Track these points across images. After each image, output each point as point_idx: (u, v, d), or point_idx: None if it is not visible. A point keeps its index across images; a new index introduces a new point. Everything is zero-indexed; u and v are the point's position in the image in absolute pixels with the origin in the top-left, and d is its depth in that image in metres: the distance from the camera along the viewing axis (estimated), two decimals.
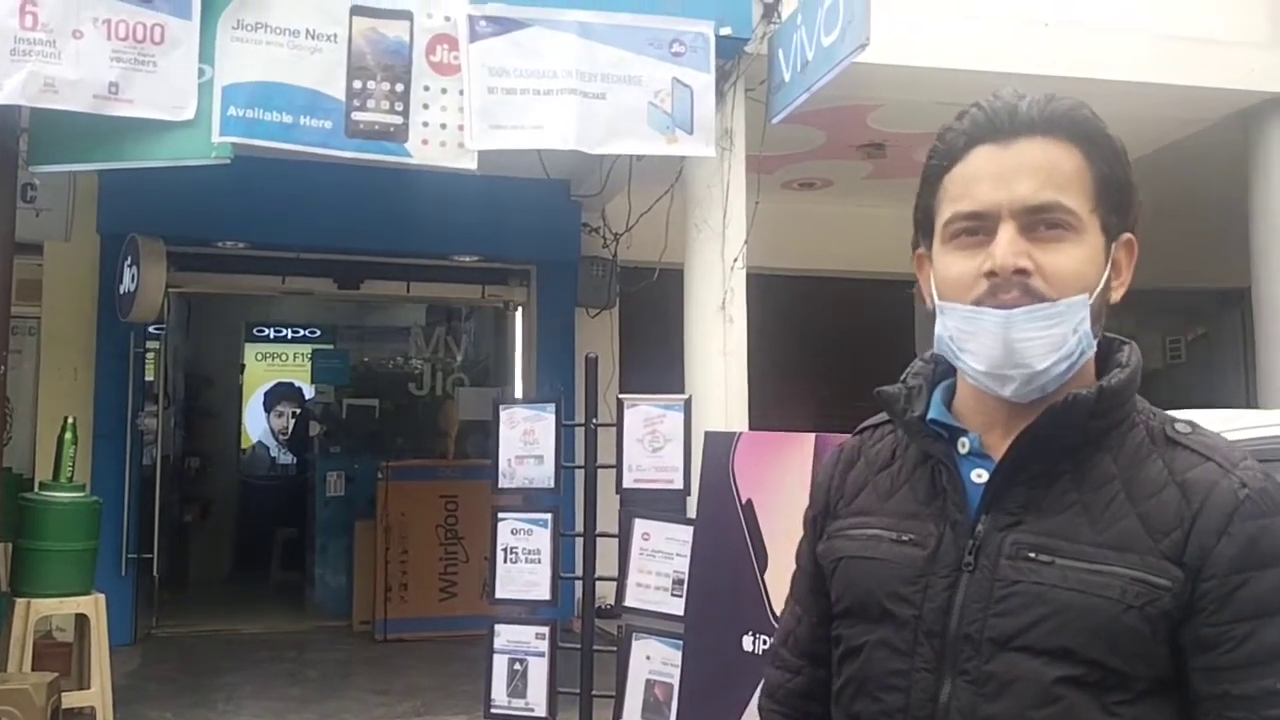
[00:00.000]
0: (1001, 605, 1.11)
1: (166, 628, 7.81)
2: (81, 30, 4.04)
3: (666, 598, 3.78)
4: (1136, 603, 1.07)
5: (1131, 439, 1.15)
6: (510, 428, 4.10)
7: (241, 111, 4.20)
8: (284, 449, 11.94)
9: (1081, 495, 1.13)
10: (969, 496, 1.17)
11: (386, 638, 7.47)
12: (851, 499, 1.29)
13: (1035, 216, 1.12)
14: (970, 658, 1.12)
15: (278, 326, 12.46)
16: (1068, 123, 1.15)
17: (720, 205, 5.27)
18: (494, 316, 9.58)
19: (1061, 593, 1.09)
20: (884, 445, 1.30)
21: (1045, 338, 1.11)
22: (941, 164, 1.19)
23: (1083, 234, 1.14)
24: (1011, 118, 1.14)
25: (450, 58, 4.41)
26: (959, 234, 1.16)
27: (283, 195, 6.94)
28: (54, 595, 4.79)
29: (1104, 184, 1.16)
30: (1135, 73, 5.84)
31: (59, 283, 7.30)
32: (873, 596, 1.20)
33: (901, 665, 1.16)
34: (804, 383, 8.40)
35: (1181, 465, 1.12)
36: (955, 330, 1.16)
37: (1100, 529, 1.10)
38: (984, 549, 1.14)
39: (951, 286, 1.17)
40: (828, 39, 4.39)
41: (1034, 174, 1.13)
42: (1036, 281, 1.12)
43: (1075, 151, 1.15)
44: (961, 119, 1.18)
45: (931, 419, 1.22)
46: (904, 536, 1.20)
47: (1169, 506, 1.10)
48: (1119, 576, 1.08)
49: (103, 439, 7.12)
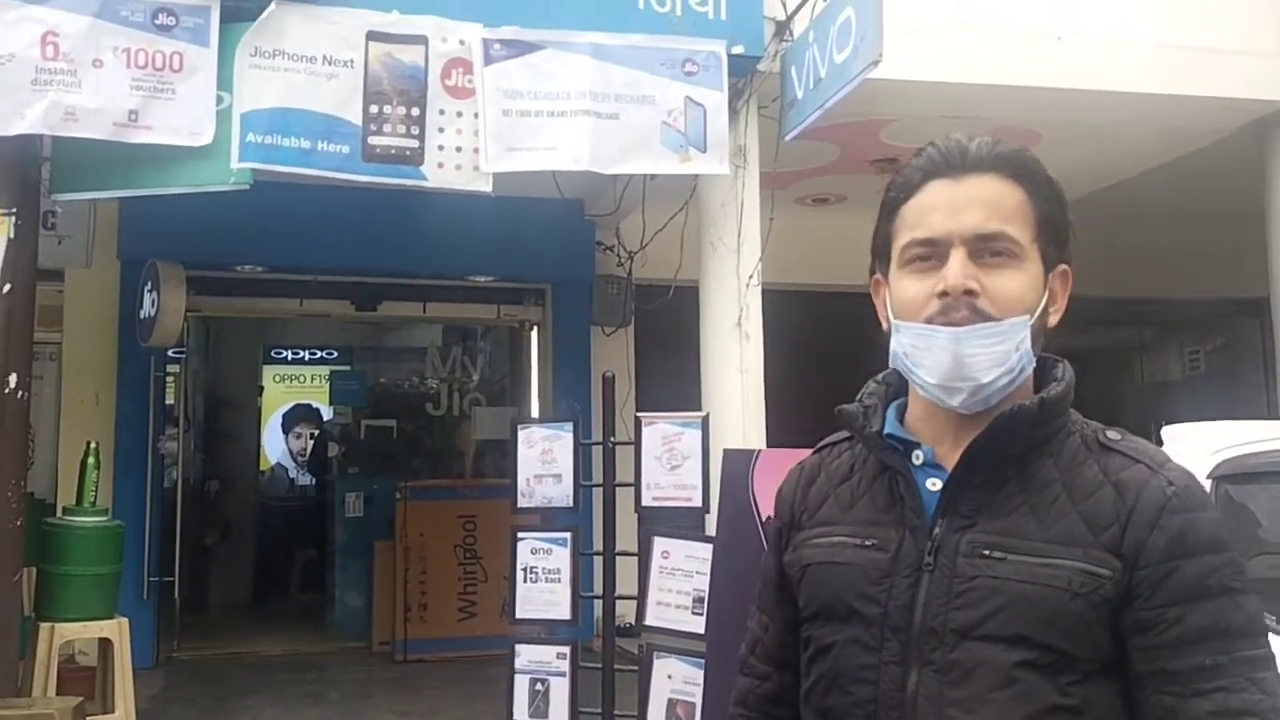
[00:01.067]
0: (961, 599, 1.22)
1: (188, 650, 7.83)
2: (102, 59, 4.09)
3: (687, 616, 3.77)
4: (1082, 591, 1.18)
5: (1069, 445, 1.27)
6: (528, 447, 4.11)
7: (260, 138, 4.25)
8: (303, 470, 11.99)
9: (1028, 497, 1.24)
10: (925, 503, 1.28)
11: (406, 658, 7.48)
12: (815, 510, 1.39)
13: (983, 244, 1.25)
14: (935, 648, 1.22)
15: (295, 348, 12.52)
16: (1013, 163, 1.28)
17: (735, 222, 5.28)
18: (509, 336, 9.61)
19: (1015, 585, 1.20)
20: (843, 460, 1.41)
21: (990, 354, 1.24)
22: (899, 196, 1.32)
23: (1024, 262, 1.26)
24: (963, 156, 1.28)
25: (465, 81, 4.45)
26: (914, 259, 1.28)
27: (300, 219, 6.99)
28: (77, 619, 4.82)
29: (1044, 219, 1.28)
30: (1147, 84, 5.84)
31: (80, 309, 7.37)
32: (841, 598, 1.30)
33: (870, 660, 1.26)
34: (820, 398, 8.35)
35: (1115, 467, 1.24)
36: (909, 346, 1.28)
37: (1046, 526, 1.22)
38: (942, 549, 1.25)
39: (906, 306, 1.29)
40: (840, 56, 4.41)
41: (982, 206, 1.26)
42: (983, 302, 1.24)
43: (1018, 189, 1.28)
44: (918, 157, 1.31)
45: (888, 433, 1.34)
46: (867, 542, 1.30)
47: (1106, 504, 1.22)
48: (1066, 568, 1.19)
49: (125, 463, 7.17)
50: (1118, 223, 8.41)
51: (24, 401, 4.31)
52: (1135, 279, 9.11)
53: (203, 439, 10.27)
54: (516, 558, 4.07)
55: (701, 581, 3.74)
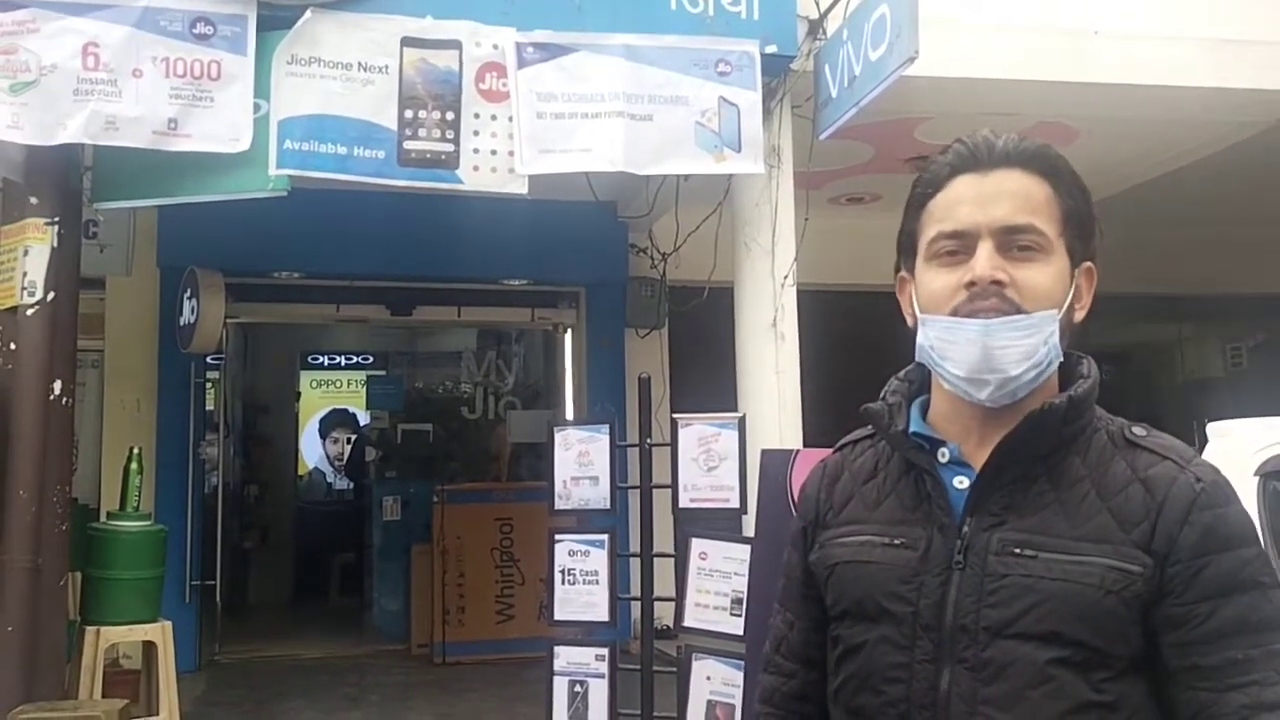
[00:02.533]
0: (994, 597, 1.22)
1: (229, 653, 7.91)
2: (141, 69, 4.14)
3: (726, 617, 3.76)
4: (1114, 588, 1.19)
5: (1096, 442, 1.28)
6: (565, 449, 4.12)
7: (297, 145, 4.28)
8: (340, 475, 12.09)
9: (1058, 494, 1.25)
10: (952, 501, 1.28)
11: (445, 660, 7.52)
12: (840, 509, 1.39)
13: (1010, 236, 1.26)
14: (967, 646, 1.22)
15: (332, 354, 12.64)
16: (1040, 159, 1.30)
17: (769, 223, 5.26)
18: (543, 339, 9.64)
19: (1048, 582, 1.20)
20: (866, 459, 1.42)
21: (1019, 346, 1.24)
22: (927, 191, 1.33)
23: (1051, 255, 1.27)
24: (990, 151, 1.29)
25: (499, 85, 4.46)
26: (941, 253, 1.29)
27: (336, 225, 7.06)
28: (122, 623, 4.87)
29: (1070, 214, 1.29)
30: (1184, 78, 5.76)
31: (121, 317, 7.47)
32: (870, 597, 1.30)
33: (902, 659, 1.26)
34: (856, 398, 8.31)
35: (1143, 464, 1.25)
36: (936, 340, 1.29)
37: (1076, 524, 1.22)
38: (972, 548, 1.25)
39: (933, 298, 1.30)
40: (875, 53, 4.38)
41: (1010, 199, 1.27)
42: (1011, 293, 1.25)
43: (1045, 184, 1.29)
44: (945, 153, 1.32)
45: (913, 431, 1.34)
46: (895, 540, 1.31)
47: (1135, 501, 1.22)
48: (1097, 565, 1.20)
49: (166, 468, 7.25)
50: (1157, 218, 8.30)
51: (68, 408, 4.37)
52: (1175, 274, 8.99)
53: (241, 444, 10.38)
54: (554, 560, 4.08)
55: (740, 583, 3.73)
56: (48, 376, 4.23)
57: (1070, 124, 6.34)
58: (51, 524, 4.22)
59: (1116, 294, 8.56)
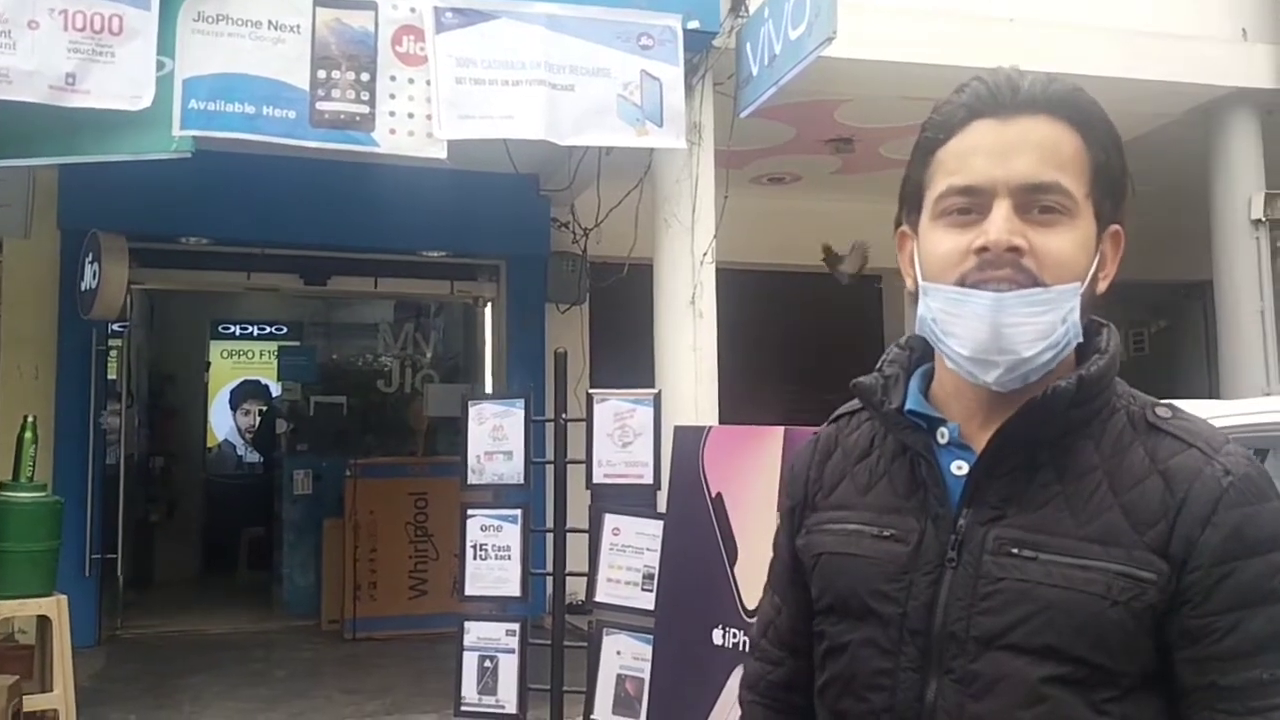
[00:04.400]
0: (986, 603, 1.09)
1: (132, 629, 7.71)
2: (38, 20, 3.96)
3: (637, 593, 3.78)
4: (1122, 598, 1.05)
5: (1113, 425, 1.13)
6: (479, 424, 4.08)
7: (203, 104, 4.14)
8: (250, 447, 11.83)
9: (1064, 486, 1.10)
10: (949, 489, 1.14)
11: (356, 636, 7.42)
12: (830, 491, 1.26)
13: (1032, 196, 1.09)
14: (955, 656, 1.10)
15: (243, 323, 12.34)
16: (1070, 104, 1.12)
17: (689, 200, 5.26)
18: (463, 312, 9.54)
19: (1046, 590, 1.06)
20: (861, 434, 1.27)
21: (1035, 324, 1.08)
22: (937, 136, 1.14)
23: (1077, 219, 1.11)
24: (1014, 93, 1.11)
25: (416, 49, 4.36)
26: (950, 210, 1.12)
27: (247, 190, 6.86)
28: (15, 597, 4.69)
29: (1100, 170, 1.13)
30: (1097, 67, 5.87)
31: (19, 280, 7.17)
32: (855, 594, 1.18)
33: (887, 664, 1.14)
34: (773, 377, 8.41)
35: (1164, 453, 1.10)
36: (939, 312, 1.12)
37: (1083, 521, 1.08)
38: (966, 544, 1.11)
39: (938, 263, 1.13)
40: (795, 32, 4.39)
41: (1034, 151, 1.09)
42: (1029, 262, 1.08)
43: (1075, 134, 1.12)
44: (961, 92, 1.13)
45: (910, 409, 1.19)
46: (885, 532, 1.17)
47: (1152, 497, 1.07)
48: (1104, 571, 1.05)
49: (65, 438, 7.01)
50: None
51: None
52: None
53: (147, 415, 10.08)
54: (466, 535, 4.05)
55: (652, 558, 3.74)
56: None
57: None
58: None
59: None
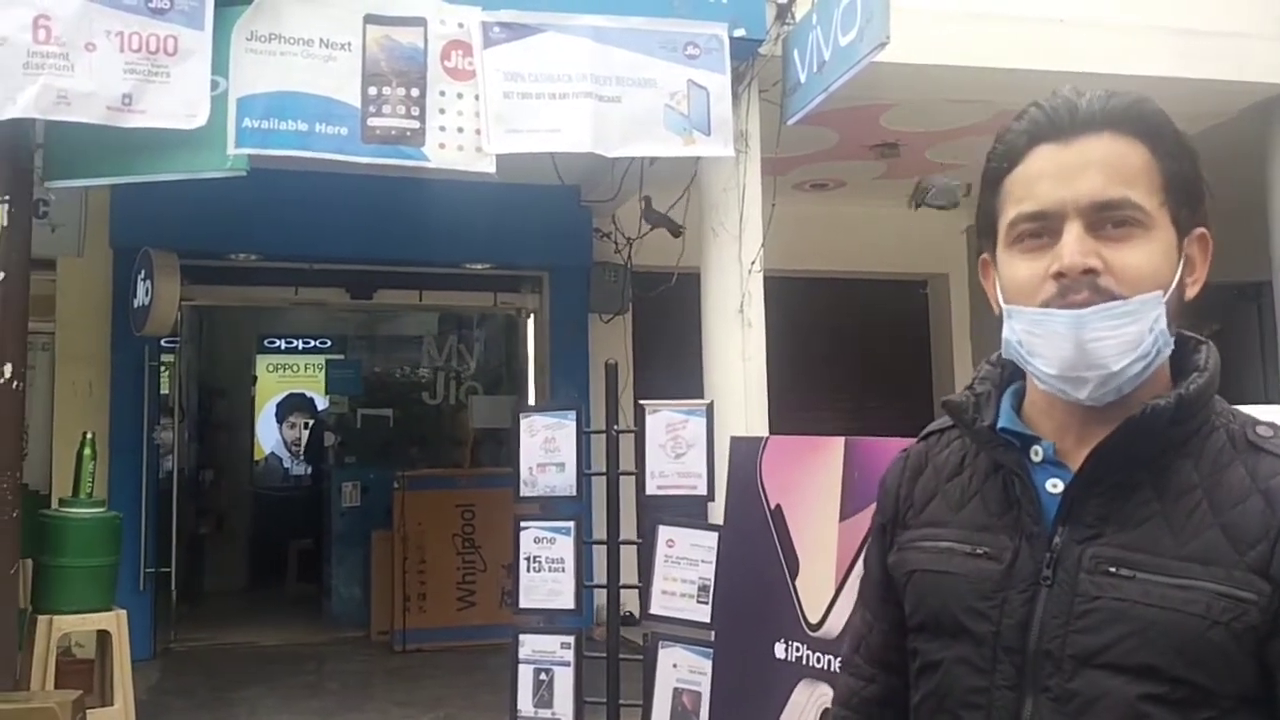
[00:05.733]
0: (1082, 621, 1.08)
1: (185, 641, 7.79)
2: (94, 43, 4.02)
3: (692, 605, 3.75)
4: (1222, 619, 1.03)
5: (1212, 444, 1.12)
6: (530, 436, 4.07)
7: (256, 122, 4.18)
8: (297, 460, 11.94)
9: (1163, 505, 1.09)
10: (1044, 507, 1.14)
11: (405, 648, 7.44)
12: (921, 508, 1.26)
13: (1102, 214, 1.10)
14: (1052, 674, 1.09)
15: (289, 338, 12.47)
16: (1132, 117, 1.12)
17: (737, 208, 5.23)
18: (506, 324, 9.57)
19: (1144, 609, 1.06)
20: (952, 451, 1.27)
21: (1119, 337, 1.08)
22: (1002, 165, 1.16)
23: (1152, 230, 1.11)
24: (1072, 115, 1.12)
25: (465, 63, 4.38)
26: (1023, 236, 1.13)
27: (295, 207, 6.93)
28: (76, 612, 4.76)
29: (1173, 179, 1.12)
30: (1151, 68, 5.79)
31: (73, 298, 7.29)
32: (948, 611, 1.17)
33: (981, 683, 1.13)
34: (821, 385, 8.35)
35: (1265, 471, 1.08)
36: (1023, 334, 1.13)
37: (1182, 541, 1.07)
38: (1062, 562, 1.11)
39: (1017, 288, 1.14)
40: (845, 38, 4.35)
41: (1099, 170, 1.10)
42: (1107, 280, 1.08)
43: (1141, 146, 1.12)
44: (1020, 119, 1.15)
45: (1002, 427, 1.19)
46: (978, 550, 1.17)
47: (1254, 516, 1.06)
48: (1204, 591, 1.04)
49: (119, 454, 7.10)
50: None
51: (19, 392, 4.25)
52: None
53: (196, 429, 10.21)
54: (519, 547, 4.04)
55: (707, 570, 3.72)
56: None
57: None
58: (2, 510, 4.11)
59: None
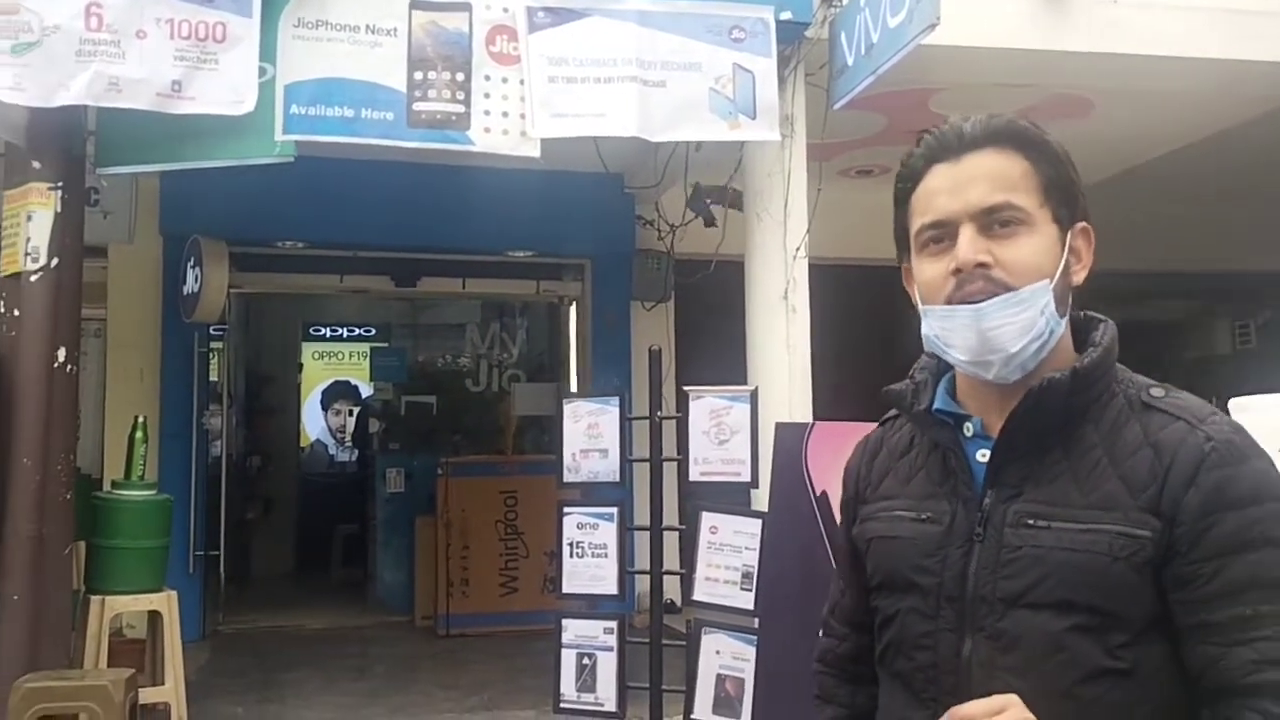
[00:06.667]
0: (1008, 569, 1.27)
1: (233, 624, 7.91)
2: (145, 30, 4.06)
3: (736, 591, 3.74)
4: (1123, 554, 1.22)
5: (1112, 408, 1.30)
6: (574, 422, 4.07)
7: (304, 109, 4.21)
8: (343, 446, 12.06)
9: (1070, 464, 1.27)
10: (975, 475, 1.33)
11: (449, 633, 7.50)
12: (878, 484, 1.46)
13: (990, 217, 1.28)
14: (986, 616, 1.27)
15: (334, 325, 12.59)
16: (1010, 133, 1.31)
17: (781, 194, 5.19)
18: (548, 311, 9.58)
19: (1058, 553, 1.24)
20: (903, 435, 1.47)
21: (1015, 323, 1.26)
22: (907, 185, 1.37)
23: (1035, 228, 1.29)
24: (959, 137, 1.32)
25: (510, 48, 4.38)
26: (928, 243, 1.33)
27: (341, 194, 6.98)
28: (128, 592, 4.84)
29: (1050, 182, 1.31)
30: (1203, 48, 5.67)
31: (123, 285, 7.40)
32: (900, 570, 1.37)
33: (929, 627, 1.32)
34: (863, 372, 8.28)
35: (1155, 426, 1.26)
36: (938, 329, 1.32)
37: (1087, 492, 1.25)
38: (990, 520, 1.30)
39: (927, 288, 1.33)
40: (894, 20, 4.29)
41: (984, 180, 1.29)
42: (998, 272, 1.27)
43: (1019, 157, 1.30)
44: (919, 146, 1.36)
45: (937, 408, 1.38)
46: (923, 515, 1.36)
47: (1144, 465, 1.24)
48: (1106, 533, 1.22)
49: (170, 439, 7.20)
50: (1167, 193, 8.23)
51: (73, 376, 4.32)
52: (1183, 251, 8.92)
53: (244, 415, 10.34)
54: (563, 533, 4.05)
55: (750, 557, 3.70)
56: (51, 344, 4.18)
57: (1086, 95, 6.26)
58: (56, 492, 4.18)
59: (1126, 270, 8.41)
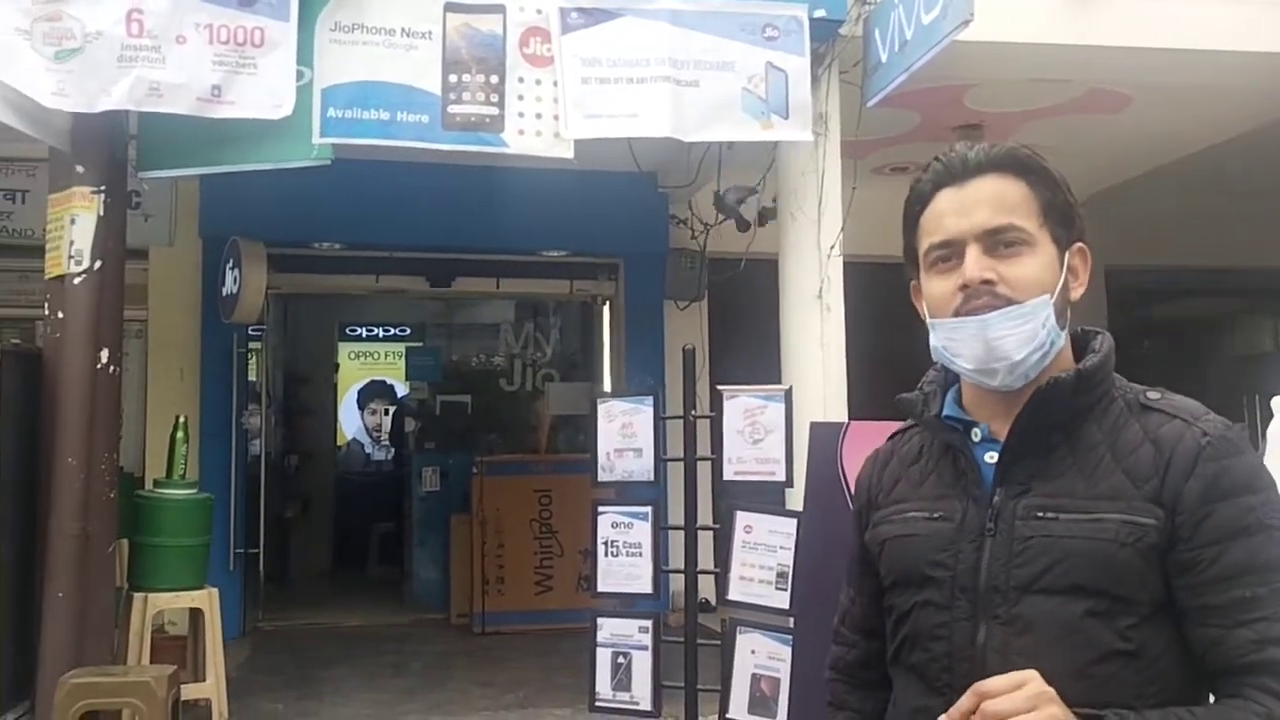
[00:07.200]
0: (1020, 558, 1.34)
1: (272, 621, 8.00)
2: (185, 35, 4.12)
3: (770, 591, 3.73)
4: (1128, 540, 1.30)
5: (1112, 410, 1.40)
6: (608, 421, 4.08)
7: (341, 112, 4.25)
8: (378, 445, 12.15)
9: (1075, 460, 1.37)
10: (984, 475, 1.42)
11: (485, 630, 7.54)
12: (890, 490, 1.54)
13: (994, 237, 1.38)
14: (999, 604, 1.35)
15: (370, 325, 12.69)
16: (1010, 161, 1.41)
17: (815, 192, 5.17)
18: (581, 311, 9.61)
19: (1067, 541, 1.32)
20: (913, 444, 1.56)
21: (1017, 333, 1.36)
22: (915, 209, 1.46)
23: (1036, 247, 1.39)
24: (964, 164, 1.41)
25: (543, 50, 4.40)
26: (936, 261, 1.42)
27: (377, 196, 7.05)
28: (169, 590, 4.92)
29: (1048, 205, 1.41)
30: (1242, 42, 5.58)
31: (164, 286, 7.51)
32: (915, 566, 1.44)
33: (944, 618, 1.39)
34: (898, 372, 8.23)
35: (1154, 425, 1.36)
36: (945, 340, 1.41)
37: (1092, 484, 1.34)
38: (1001, 515, 1.38)
39: (936, 303, 1.43)
40: (928, 17, 4.27)
41: (988, 204, 1.39)
42: (1002, 288, 1.36)
43: (1019, 182, 1.40)
44: (927, 171, 1.45)
45: (946, 415, 1.48)
46: (935, 514, 1.44)
47: (1146, 459, 1.33)
48: (1112, 521, 1.31)
49: (210, 438, 7.30)
50: (1208, 189, 8.11)
51: (115, 376, 4.39)
52: (1225, 248, 8.79)
53: (282, 414, 10.45)
54: (597, 532, 4.06)
55: (785, 556, 3.69)
56: (95, 345, 4.25)
57: (1124, 90, 6.19)
58: (100, 491, 4.25)
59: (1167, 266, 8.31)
